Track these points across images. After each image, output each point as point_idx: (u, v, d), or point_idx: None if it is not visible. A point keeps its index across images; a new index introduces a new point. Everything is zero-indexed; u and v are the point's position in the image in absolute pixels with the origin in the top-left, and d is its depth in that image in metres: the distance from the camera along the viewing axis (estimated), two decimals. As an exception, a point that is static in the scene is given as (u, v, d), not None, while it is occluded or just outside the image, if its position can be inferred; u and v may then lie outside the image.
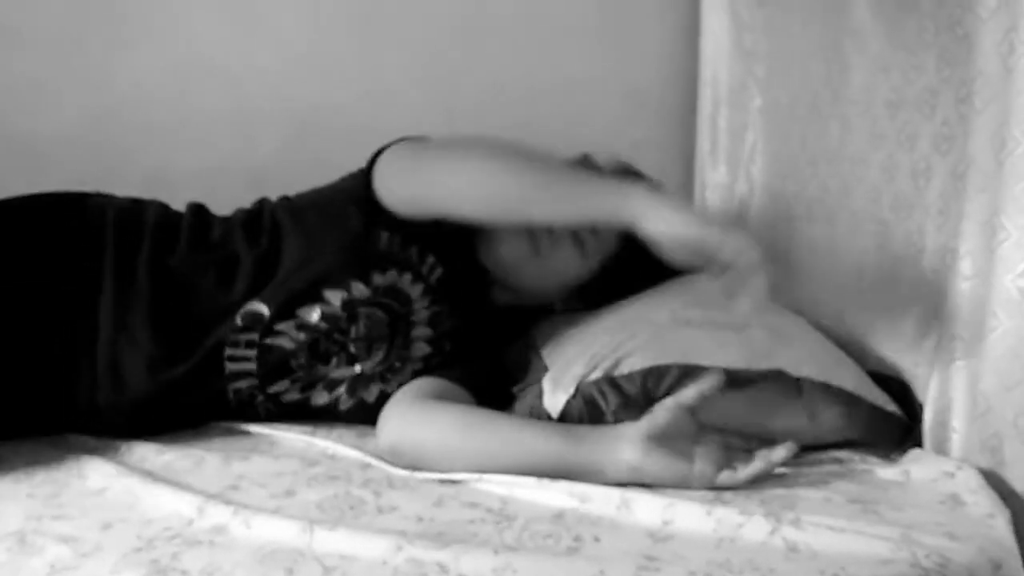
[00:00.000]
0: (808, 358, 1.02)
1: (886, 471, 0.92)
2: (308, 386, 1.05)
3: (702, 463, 0.86)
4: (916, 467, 0.91)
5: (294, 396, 1.06)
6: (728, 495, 0.86)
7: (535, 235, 1.11)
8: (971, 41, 0.92)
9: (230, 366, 1.02)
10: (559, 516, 0.83)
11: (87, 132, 1.54)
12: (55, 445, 1.00)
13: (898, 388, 1.05)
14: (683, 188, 1.67)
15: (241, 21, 1.57)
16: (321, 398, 1.06)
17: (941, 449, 0.96)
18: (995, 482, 0.87)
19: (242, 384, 1.04)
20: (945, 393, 0.94)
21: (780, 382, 0.95)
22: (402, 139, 1.11)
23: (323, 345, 1.04)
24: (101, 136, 1.55)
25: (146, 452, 0.98)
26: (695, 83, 1.62)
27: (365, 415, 1.05)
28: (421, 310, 1.08)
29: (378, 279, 1.05)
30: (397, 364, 1.07)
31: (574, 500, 0.85)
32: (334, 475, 0.92)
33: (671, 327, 1.03)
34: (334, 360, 1.05)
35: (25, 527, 0.80)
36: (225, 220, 1.12)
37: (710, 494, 0.85)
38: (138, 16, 1.53)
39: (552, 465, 0.89)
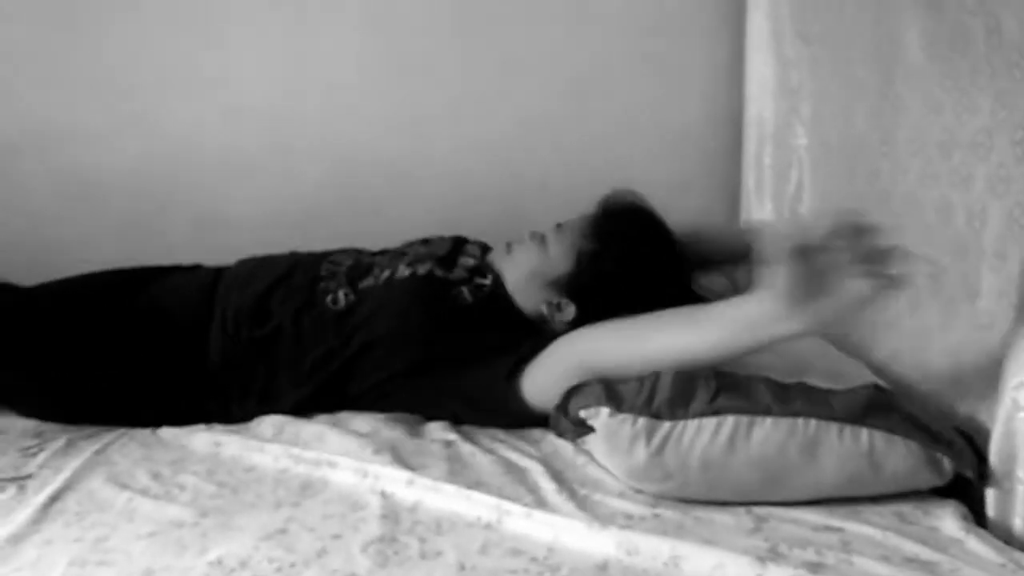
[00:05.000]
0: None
1: (950, 527, 0.89)
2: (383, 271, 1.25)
3: (848, 285, 0.88)
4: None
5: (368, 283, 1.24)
6: (783, 550, 0.84)
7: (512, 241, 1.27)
8: (1029, 84, 0.90)
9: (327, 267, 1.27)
10: (603, 568, 0.82)
11: (141, 172, 1.59)
12: (113, 480, 1.01)
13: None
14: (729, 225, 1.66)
15: (285, 68, 1.61)
16: (384, 274, 1.24)
17: (1006, 499, 0.92)
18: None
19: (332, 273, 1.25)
20: (1009, 443, 0.91)
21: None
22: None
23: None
24: (154, 176, 1.60)
25: (199, 491, 0.99)
26: (740, 121, 1.61)
27: (412, 287, 1.21)
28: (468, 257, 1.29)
29: None
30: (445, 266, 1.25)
31: (621, 551, 0.84)
32: (384, 515, 0.92)
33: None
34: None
35: (67, 574, 0.82)
36: None
37: (763, 552, 0.83)
38: (188, 65, 1.58)
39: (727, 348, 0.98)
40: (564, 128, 1.61)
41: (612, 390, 1.00)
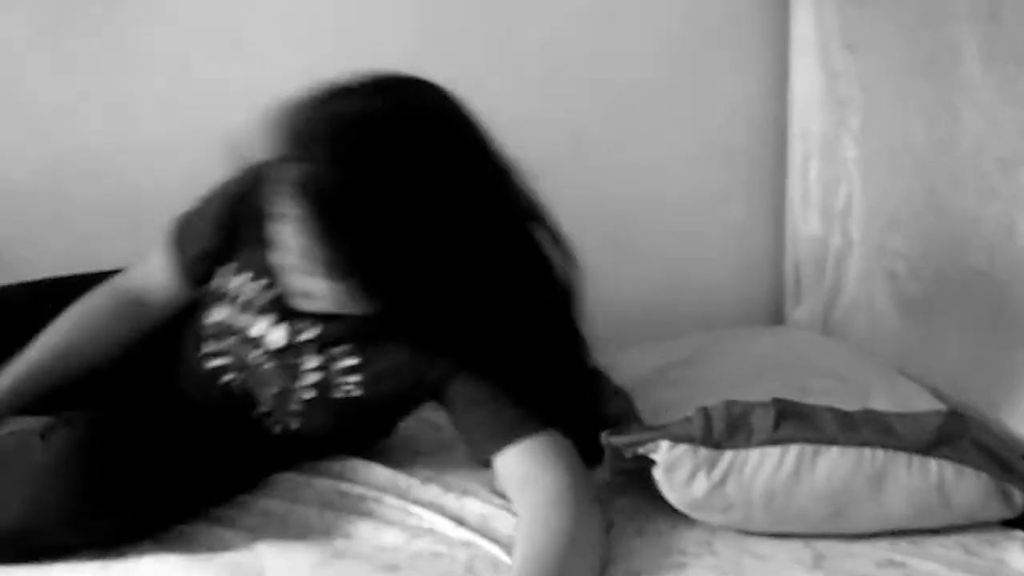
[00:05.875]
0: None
1: (1019, 561, 0.86)
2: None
3: None
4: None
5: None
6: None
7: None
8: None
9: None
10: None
11: (188, 189, 1.57)
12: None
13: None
14: (773, 240, 1.63)
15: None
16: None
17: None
18: None
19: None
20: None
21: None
22: None
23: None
24: (202, 192, 1.59)
25: (258, 513, 0.98)
26: (784, 133, 1.58)
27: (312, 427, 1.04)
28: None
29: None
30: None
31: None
32: (437, 552, 0.91)
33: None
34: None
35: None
36: None
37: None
38: (230, 79, 1.57)
39: None
40: (608, 141, 1.59)
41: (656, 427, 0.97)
